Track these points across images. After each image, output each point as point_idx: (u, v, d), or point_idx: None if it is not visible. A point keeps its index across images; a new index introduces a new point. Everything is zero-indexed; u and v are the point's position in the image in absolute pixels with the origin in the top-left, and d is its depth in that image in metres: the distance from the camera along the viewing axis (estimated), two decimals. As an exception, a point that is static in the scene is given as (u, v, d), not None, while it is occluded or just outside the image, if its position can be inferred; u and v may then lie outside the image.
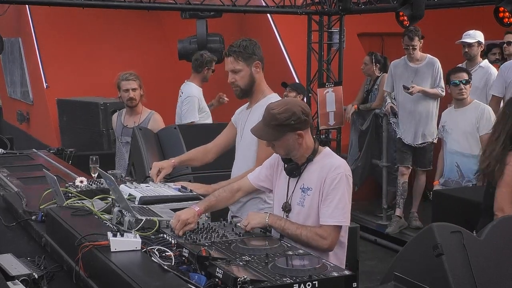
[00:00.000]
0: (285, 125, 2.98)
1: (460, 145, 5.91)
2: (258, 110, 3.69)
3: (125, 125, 5.69)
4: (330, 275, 2.41)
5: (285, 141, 3.02)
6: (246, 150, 3.77)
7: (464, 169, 5.89)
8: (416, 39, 6.80)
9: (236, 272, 2.34)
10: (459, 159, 5.92)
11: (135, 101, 5.61)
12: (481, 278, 2.66)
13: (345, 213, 2.97)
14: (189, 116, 6.41)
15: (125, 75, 5.62)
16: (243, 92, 3.75)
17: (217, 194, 3.31)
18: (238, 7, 7.74)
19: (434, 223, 2.89)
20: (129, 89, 5.58)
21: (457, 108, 5.99)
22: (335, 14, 8.18)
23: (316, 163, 3.06)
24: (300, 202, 3.07)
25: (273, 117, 3.00)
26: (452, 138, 5.97)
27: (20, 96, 11.33)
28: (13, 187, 4.38)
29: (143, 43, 10.27)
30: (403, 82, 7.02)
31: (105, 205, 3.37)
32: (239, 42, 3.70)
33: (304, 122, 3.02)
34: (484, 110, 5.83)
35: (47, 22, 9.88)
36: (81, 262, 2.73)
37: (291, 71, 8.77)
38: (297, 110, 3.00)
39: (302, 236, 2.93)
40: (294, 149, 3.05)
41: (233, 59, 3.69)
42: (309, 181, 3.05)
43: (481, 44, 6.69)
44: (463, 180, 5.88)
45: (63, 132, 9.05)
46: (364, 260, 6.05)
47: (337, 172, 2.97)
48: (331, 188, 2.96)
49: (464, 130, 5.89)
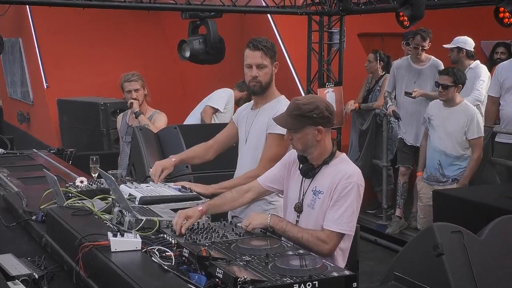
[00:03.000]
0: (307, 116, 2.99)
1: (444, 144, 6.02)
2: (267, 111, 3.69)
3: (130, 125, 5.72)
4: (330, 275, 2.41)
5: (304, 135, 3.02)
6: (254, 150, 3.74)
7: (446, 168, 6.01)
8: (427, 40, 6.82)
9: (236, 272, 2.34)
10: (441, 158, 6.04)
11: (138, 102, 5.63)
12: (481, 278, 2.66)
13: (351, 222, 2.96)
14: (216, 101, 6.52)
15: (127, 76, 5.65)
16: (262, 89, 3.72)
17: (223, 195, 3.32)
18: (238, 7, 7.73)
19: (435, 223, 2.89)
20: (131, 90, 5.61)
21: (446, 105, 6.04)
22: (335, 14, 8.17)
23: (331, 167, 3.06)
24: (311, 205, 3.07)
25: (296, 107, 3.01)
26: (438, 135, 6.07)
27: (21, 96, 11.33)
28: (13, 187, 4.38)
29: (143, 43, 10.26)
30: (406, 83, 7.02)
31: (105, 205, 3.37)
32: (265, 40, 3.68)
33: (326, 119, 3.02)
34: (474, 114, 5.91)
35: (47, 22, 9.87)
36: (81, 262, 2.73)
37: (291, 71, 8.77)
38: (321, 105, 3.01)
39: (303, 239, 2.93)
40: (312, 145, 3.04)
41: (262, 54, 3.64)
42: (322, 184, 3.04)
43: (461, 49, 6.70)
44: (444, 178, 6.01)
45: (63, 132, 9.05)
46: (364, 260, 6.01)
47: (350, 180, 2.97)
48: (342, 195, 2.96)
49: (451, 130, 5.98)
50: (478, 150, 5.91)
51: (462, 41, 6.76)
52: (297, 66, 8.67)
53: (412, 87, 6.92)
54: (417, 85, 6.91)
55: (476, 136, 5.90)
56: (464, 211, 4.91)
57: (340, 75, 8.32)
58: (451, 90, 5.94)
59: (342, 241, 3.00)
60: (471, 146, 5.92)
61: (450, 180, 6.01)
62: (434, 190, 5.74)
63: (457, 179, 5.98)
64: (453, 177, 5.99)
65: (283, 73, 8.43)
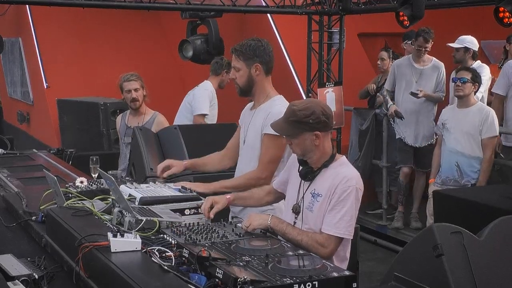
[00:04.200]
0: (303, 122, 2.98)
1: (462, 145, 5.91)
2: (261, 112, 3.70)
3: (129, 126, 5.69)
4: (330, 276, 2.41)
5: (302, 140, 3.02)
6: (251, 150, 3.76)
7: (464, 168, 5.90)
8: (430, 41, 6.82)
9: (236, 272, 2.34)
10: (459, 159, 5.92)
11: (138, 101, 5.63)
12: (481, 278, 2.66)
13: (349, 226, 2.96)
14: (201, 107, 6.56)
15: (127, 76, 5.65)
16: (242, 91, 3.78)
17: (251, 191, 3.43)
18: (238, 7, 7.73)
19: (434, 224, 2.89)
20: (131, 90, 5.60)
21: (460, 107, 5.98)
22: (335, 14, 8.18)
23: (330, 170, 3.05)
24: (309, 207, 3.06)
25: (292, 113, 3.01)
26: (454, 137, 5.97)
27: (20, 96, 11.33)
28: (13, 187, 4.38)
29: (143, 43, 10.27)
30: (407, 82, 7.02)
31: (105, 206, 3.37)
32: (245, 41, 3.71)
33: (323, 124, 3.01)
34: (489, 113, 5.83)
35: (47, 22, 9.88)
36: (81, 263, 2.73)
37: (291, 71, 8.77)
38: (317, 110, 2.99)
39: (302, 242, 2.93)
40: (311, 150, 3.04)
41: (235, 57, 3.73)
42: (321, 187, 3.04)
43: (468, 50, 6.69)
44: (463, 180, 5.90)
45: (63, 132, 9.05)
46: (364, 261, 6.04)
47: (349, 184, 2.96)
48: (340, 199, 2.95)
49: (467, 130, 5.88)
50: (490, 150, 5.82)
51: (469, 41, 6.73)
52: (297, 66, 8.67)
53: (412, 87, 6.92)
54: (418, 85, 6.91)
55: (490, 135, 5.80)
56: (464, 212, 4.90)
57: (340, 75, 8.32)
58: (469, 86, 5.83)
59: (342, 246, 3.01)
60: (484, 146, 5.81)
61: (470, 184, 5.86)
62: (434, 190, 5.73)
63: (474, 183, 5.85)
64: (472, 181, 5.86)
65: (283, 73, 8.43)
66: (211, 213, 3.08)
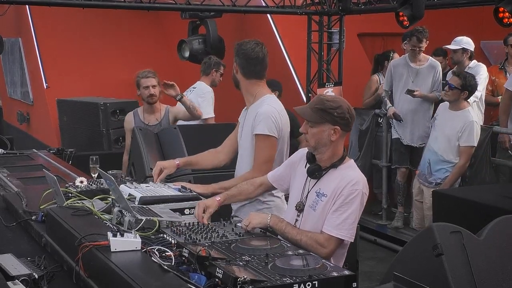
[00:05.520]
0: (328, 113, 2.99)
1: (438, 146, 6.08)
2: (252, 112, 3.73)
3: (147, 123, 5.78)
4: (330, 275, 2.42)
5: (320, 131, 3.01)
6: (244, 150, 3.80)
7: (434, 167, 6.07)
8: (424, 40, 6.82)
9: (236, 272, 2.34)
10: (432, 157, 6.11)
11: (155, 97, 5.76)
12: (481, 278, 2.66)
13: (351, 229, 2.96)
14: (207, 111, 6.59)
15: (144, 73, 5.78)
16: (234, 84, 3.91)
17: (239, 186, 3.44)
18: (238, 7, 7.73)
19: (434, 223, 2.89)
20: (149, 86, 5.73)
21: (451, 109, 6.08)
22: (335, 14, 8.17)
23: (338, 171, 3.05)
24: (313, 206, 3.06)
25: (320, 101, 3.03)
26: (435, 135, 6.15)
27: (20, 97, 11.33)
28: (13, 187, 4.37)
29: (143, 43, 10.27)
30: (403, 82, 7.03)
31: (105, 205, 3.37)
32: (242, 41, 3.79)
33: (346, 121, 3.02)
34: (472, 123, 5.91)
35: (47, 22, 9.88)
36: (81, 262, 2.73)
37: (291, 71, 8.77)
38: (344, 106, 3.02)
39: (301, 242, 2.92)
40: (325, 145, 3.03)
41: None
42: (327, 187, 3.03)
43: (466, 50, 6.74)
44: (430, 177, 6.12)
45: (63, 132, 9.05)
46: (364, 260, 6.05)
47: (355, 187, 2.96)
48: (346, 201, 2.95)
49: (447, 133, 6.02)
50: (465, 158, 5.95)
51: (466, 42, 6.78)
52: (297, 66, 8.67)
53: (409, 86, 6.92)
54: (415, 84, 6.92)
55: (467, 145, 5.94)
56: (464, 211, 4.91)
57: (339, 75, 8.32)
58: (456, 93, 5.94)
59: (341, 248, 3.01)
60: (460, 153, 5.96)
61: (434, 183, 6.07)
62: (434, 190, 5.76)
63: (440, 183, 6.04)
64: (438, 180, 6.06)
65: (283, 73, 8.43)
66: (204, 219, 3.07)
